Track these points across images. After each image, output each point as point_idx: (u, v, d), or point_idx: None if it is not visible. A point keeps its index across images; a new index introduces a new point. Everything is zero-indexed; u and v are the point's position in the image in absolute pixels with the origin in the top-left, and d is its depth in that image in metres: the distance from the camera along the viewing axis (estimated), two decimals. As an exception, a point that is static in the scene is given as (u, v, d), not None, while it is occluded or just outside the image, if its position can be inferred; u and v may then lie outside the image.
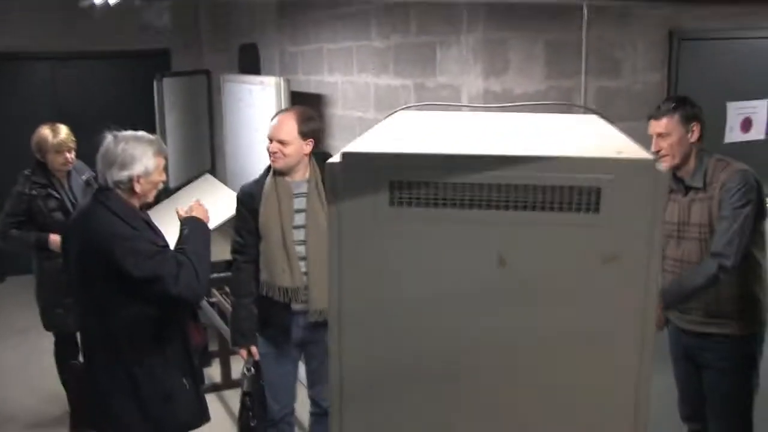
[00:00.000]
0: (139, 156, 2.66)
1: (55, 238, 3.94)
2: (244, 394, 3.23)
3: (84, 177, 4.19)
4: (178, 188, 6.02)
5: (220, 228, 4.50)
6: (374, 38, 4.29)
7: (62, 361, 4.30)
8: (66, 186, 4.14)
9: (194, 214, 2.80)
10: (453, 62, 3.58)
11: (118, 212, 2.63)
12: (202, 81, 6.98)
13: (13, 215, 4.06)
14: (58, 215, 4.04)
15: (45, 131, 4.07)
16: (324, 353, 3.38)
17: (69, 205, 4.07)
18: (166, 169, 2.82)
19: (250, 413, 3.10)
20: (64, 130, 4.10)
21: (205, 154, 7.00)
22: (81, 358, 3.40)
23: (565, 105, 3.28)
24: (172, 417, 2.79)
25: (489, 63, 3.39)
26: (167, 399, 2.75)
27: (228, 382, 4.78)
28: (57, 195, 4.08)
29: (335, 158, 1.48)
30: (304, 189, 3.21)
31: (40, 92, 6.89)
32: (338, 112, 4.81)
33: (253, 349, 3.31)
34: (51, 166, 4.10)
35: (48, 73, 7.05)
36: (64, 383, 4.31)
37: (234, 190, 4.05)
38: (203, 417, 2.94)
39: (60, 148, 4.05)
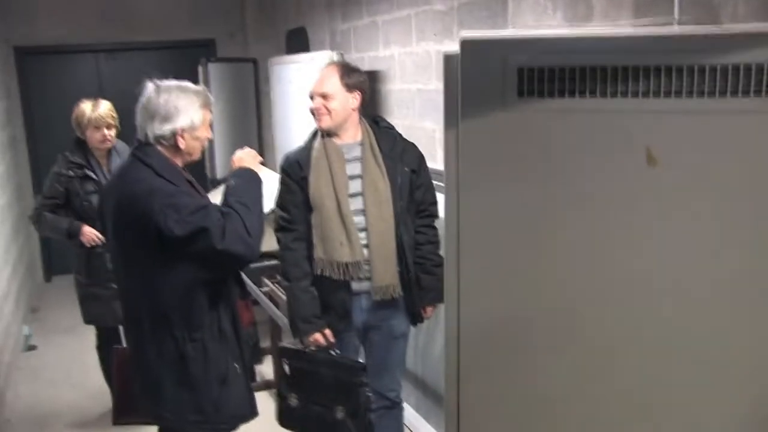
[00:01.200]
0: (184, 108, 2.37)
1: (87, 231, 3.70)
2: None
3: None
4: (226, 179, 5.76)
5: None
6: (435, 1, 3.95)
7: (105, 355, 4.03)
8: (106, 168, 3.86)
9: (243, 163, 2.50)
10: (528, 13, 3.21)
11: (158, 169, 2.34)
12: (249, 69, 6.73)
13: (49, 197, 3.79)
14: (96, 199, 3.73)
15: (84, 105, 3.80)
16: (388, 339, 3.04)
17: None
18: (212, 125, 2.52)
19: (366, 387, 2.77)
20: (104, 105, 3.81)
21: (253, 144, 6.74)
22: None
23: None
24: (226, 404, 2.48)
25: (570, 10, 3.01)
26: (222, 382, 2.45)
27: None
28: (95, 177, 3.80)
29: (450, 50, 1.25)
30: (357, 152, 2.87)
31: (86, 85, 6.69)
32: (396, 87, 4.47)
33: (327, 331, 2.94)
34: (90, 145, 3.83)
35: (93, 65, 6.89)
36: (108, 377, 4.05)
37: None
38: (253, 411, 2.63)
39: (98, 123, 3.76)
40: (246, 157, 2.54)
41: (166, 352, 2.41)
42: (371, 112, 3.09)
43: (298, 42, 6.21)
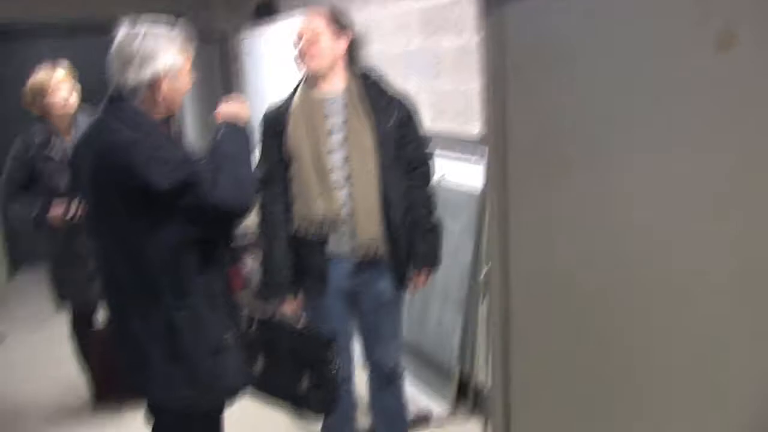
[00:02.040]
0: (161, 50, 2.15)
1: (54, 213, 3.49)
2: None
3: None
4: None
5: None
6: (415, -44, 3.78)
7: (79, 340, 3.80)
8: (70, 143, 3.61)
9: (230, 113, 2.29)
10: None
11: (134, 124, 2.12)
12: (215, 51, 6.48)
13: (11, 183, 3.53)
14: (63, 178, 3.52)
15: (40, 74, 3.59)
16: (377, 306, 2.83)
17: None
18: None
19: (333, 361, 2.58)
20: (61, 71, 3.62)
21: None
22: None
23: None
24: (221, 376, 2.28)
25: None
26: (215, 352, 2.24)
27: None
28: (56, 157, 3.55)
29: None
30: (339, 103, 2.68)
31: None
32: (375, 49, 4.29)
33: (298, 301, 2.80)
34: (53, 115, 3.59)
35: (47, 48, 6.56)
36: (82, 363, 3.82)
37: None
38: (247, 381, 2.44)
39: (58, 86, 3.55)
40: (233, 107, 2.33)
41: (152, 323, 2.20)
42: (360, 66, 2.90)
43: (267, 15, 5.99)
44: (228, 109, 2.33)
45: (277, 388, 2.75)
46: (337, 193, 2.65)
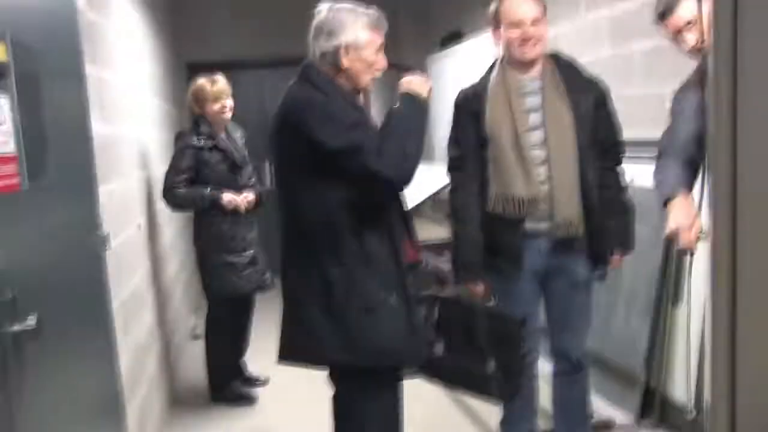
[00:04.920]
0: (348, 23, 2.37)
1: (228, 197, 3.89)
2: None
3: (238, 134, 4.18)
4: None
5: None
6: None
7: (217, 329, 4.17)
8: (225, 138, 4.05)
9: (411, 87, 2.40)
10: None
11: (318, 84, 2.35)
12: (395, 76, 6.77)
13: (180, 171, 3.90)
14: (224, 169, 3.96)
15: (202, 81, 4.03)
16: (573, 286, 2.79)
17: (234, 156, 3.99)
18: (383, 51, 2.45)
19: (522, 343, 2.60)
20: (221, 80, 4.05)
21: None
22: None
23: None
24: (372, 334, 2.34)
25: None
26: (368, 312, 2.33)
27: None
28: (220, 147, 3.97)
29: None
30: (536, 85, 2.73)
31: (250, 100, 6.85)
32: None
33: (486, 282, 2.82)
34: (210, 117, 4.00)
35: (257, 80, 7.14)
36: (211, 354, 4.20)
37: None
38: (418, 354, 2.47)
39: (219, 96, 3.97)
40: (415, 81, 2.43)
41: (310, 275, 2.37)
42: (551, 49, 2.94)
43: (453, 43, 6.22)
44: (410, 80, 2.43)
45: (459, 372, 2.77)
46: (536, 173, 2.68)
